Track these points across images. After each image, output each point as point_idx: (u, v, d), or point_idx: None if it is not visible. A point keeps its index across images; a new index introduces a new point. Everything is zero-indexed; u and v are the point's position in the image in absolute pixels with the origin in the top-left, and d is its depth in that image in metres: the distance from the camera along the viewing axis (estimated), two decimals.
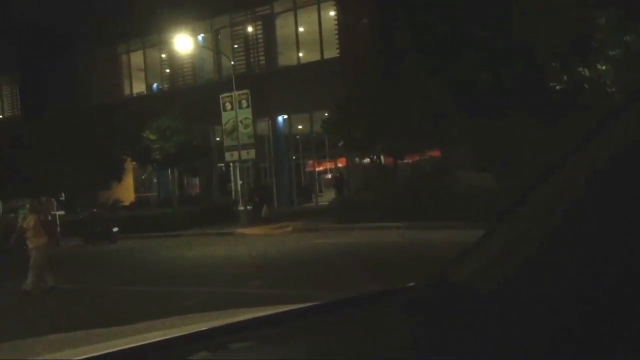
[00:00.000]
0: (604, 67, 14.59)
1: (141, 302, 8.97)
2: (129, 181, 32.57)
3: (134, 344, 1.08)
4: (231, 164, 28.44)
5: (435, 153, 24.39)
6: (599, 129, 0.99)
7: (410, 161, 24.47)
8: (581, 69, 14.92)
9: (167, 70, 32.49)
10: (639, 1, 14.48)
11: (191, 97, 28.18)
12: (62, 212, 28.28)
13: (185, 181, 31.57)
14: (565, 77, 15.42)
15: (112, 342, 1.14)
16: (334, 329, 1.10)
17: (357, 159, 24.78)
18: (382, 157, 22.25)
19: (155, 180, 33.54)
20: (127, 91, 33.98)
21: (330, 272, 10.85)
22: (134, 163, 30.74)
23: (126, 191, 31.89)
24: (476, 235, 1.16)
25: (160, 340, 1.09)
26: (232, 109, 24.88)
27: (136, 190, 33.73)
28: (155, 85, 33.77)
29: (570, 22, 14.90)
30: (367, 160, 23.08)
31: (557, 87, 15.61)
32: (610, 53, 14.52)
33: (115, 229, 22.83)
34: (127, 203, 30.23)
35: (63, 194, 31.38)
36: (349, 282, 8.73)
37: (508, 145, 17.10)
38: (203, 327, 1.17)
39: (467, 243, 1.17)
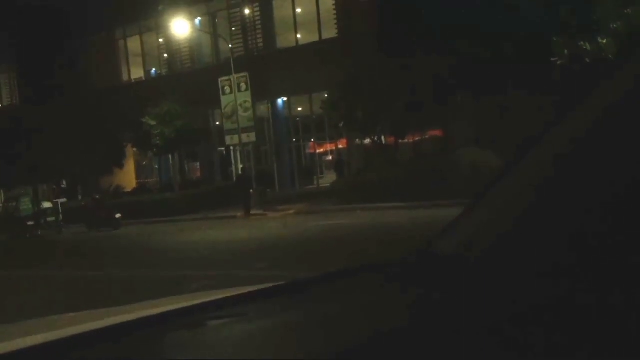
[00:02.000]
0: (604, 41, 14.45)
1: (145, 287, 8.98)
2: (130, 167, 32.58)
3: (109, 324, 1.03)
4: (232, 148, 28.41)
5: (437, 132, 24.29)
6: (575, 103, 1.02)
7: (411, 141, 24.37)
8: (582, 42, 14.79)
9: (165, 55, 32.32)
10: None
11: (190, 82, 28.06)
12: (64, 200, 28.36)
13: (186, 166, 31.56)
14: (566, 52, 15.30)
15: (86, 325, 1.09)
16: (317, 302, 1.07)
17: (357, 139, 24.69)
18: (383, 137, 22.16)
19: (156, 166, 33.55)
20: (125, 77, 33.83)
21: (333, 252, 10.85)
22: (134, 149, 30.74)
23: (128, 177, 31.93)
24: None
25: (137, 319, 1.05)
26: (231, 92, 24.76)
27: (137, 176, 33.75)
28: (153, 70, 33.63)
29: None
30: (368, 140, 23.00)
31: (559, 62, 15.50)
32: (612, 26, 14.37)
33: (118, 215, 22.89)
34: (128, 189, 30.29)
35: (64, 181, 31.44)
36: (351, 261, 8.70)
37: (510, 122, 17.01)
38: (180, 306, 1.13)
39: None
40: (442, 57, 17.90)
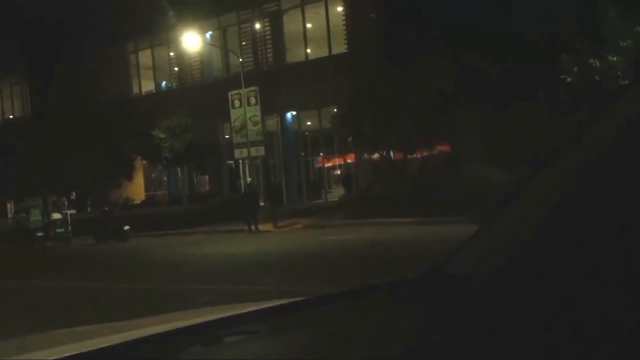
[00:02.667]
0: (615, 59, 14.43)
1: (152, 300, 9.00)
2: (139, 179, 32.72)
3: (125, 339, 1.05)
4: (240, 161, 28.48)
5: (445, 147, 24.26)
6: (592, 122, 1.00)
7: (419, 156, 24.35)
8: (592, 60, 14.77)
9: (176, 69, 32.57)
10: None
11: (200, 95, 28.23)
12: (73, 211, 28.49)
13: (195, 179, 31.66)
14: (575, 69, 15.28)
15: (103, 339, 1.11)
16: (327, 321, 1.09)
17: (366, 154, 24.71)
18: (391, 152, 22.17)
19: (165, 179, 33.68)
20: (136, 90, 34.10)
21: (340, 268, 10.82)
22: (144, 161, 30.88)
23: (137, 189, 32.06)
24: None
25: (153, 335, 1.07)
26: (240, 106, 24.89)
27: (146, 189, 33.88)
28: (164, 83, 33.87)
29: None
30: (376, 155, 23.00)
31: (568, 80, 15.48)
32: (622, 44, 14.36)
33: (126, 227, 22.95)
34: (137, 201, 30.39)
35: (74, 193, 31.59)
36: (358, 278, 8.68)
37: (518, 138, 16.99)
38: (194, 322, 1.15)
39: None
40: (450, 72, 17.96)
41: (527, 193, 1.07)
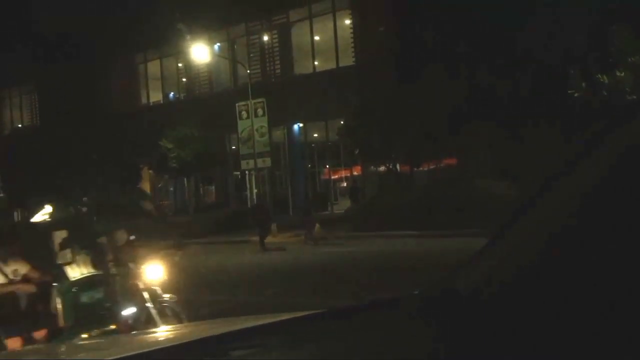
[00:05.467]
0: (622, 74, 14.43)
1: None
2: (145, 189, 32.77)
3: (132, 352, 1.05)
4: (247, 172, 28.52)
5: (452, 161, 24.22)
6: (600, 137, 0.99)
7: (426, 169, 24.31)
8: (600, 75, 14.77)
9: (184, 79, 32.73)
10: None
11: (207, 106, 28.34)
12: None
13: (202, 189, 31.70)
14: (584, 84, 15.29)
15: (111, 350, 1.11)
16: (337, 337, 1.08)
17: (372, 166, 24.69)
18: (398, 165, 22.15)
19: (171, 189, 33.73)
20: (144, 100, 34.27)
21: (345, 281, 10.77)
22: (150, 171, 30.96)
23: None
24: None
25: (160, 349, 1.07)
26: (248, 117, 24.96)
27: (153, 199, 33.93)
28: (172, 94, 34.03)
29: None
30: (382, 168, 22.98)
31: (576, 95, 15.47)
32: (629, 60, 14.37)
33: (132, 237, 22.92)
34: None
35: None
36: (363, 290, 8.64)
37: (527, 153, 16.96)
38: (204, 335, 1.15)
39: None
40: (459, 86, 17.98)
41: (535, 209, 1.07)
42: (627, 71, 14.27)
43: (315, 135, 29.91)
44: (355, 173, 28.17)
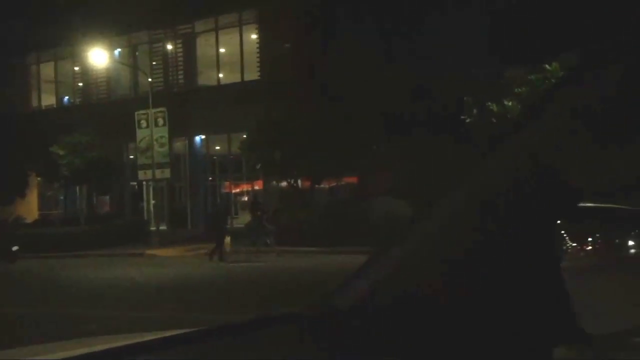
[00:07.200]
0: (510, 103, 15.49)
1: (38, 326, 8.43)
2: (32, 197, 30.86)
3: None
4: (144, 183, 27.64)
5: (352, 179, 24.75)
6: (483, 158, 1.04)
7: (327, 186, 24.68)
8: (490, 103, 15.78)
9: (80, 84, 31.32)
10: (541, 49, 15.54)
11: (105, 113, 27.26)
12: None
13: (95, 199, 30.30)
14: (475, 111, 16.24)
15: None
16: (225, 353, 1.05)
17: (274, 182, 24.73)
18: (299, 181, 22.32)
19: (61, 198, 31.99)
20: (35, 103, 32.43)
21: (240, 296, 10.67)
22: (39, 179, 29.25)
23: (29, 207, 30.16)
24: None
25: None
26: (147, 126, 24.25)
27: (40, 208, 31.98)
28: (66, 98, 32.45)
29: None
30: (284, 183, 23.06)
31: (468, 120, 16.40)
32: (516, 90, 15.47)
33: (15, 248, 21.47)
34: (30, 221, 28.61)
35: None
36: (258, 306, 8.60)
37: (425, 172, 17.67)
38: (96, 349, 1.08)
39: None
40: (362, 107, 18.53)
41: (419, 226, 1.08)
42: (514, 101, 15.38)
43: (218, 148, 29.56)
44: (256, 187, 28.08)
